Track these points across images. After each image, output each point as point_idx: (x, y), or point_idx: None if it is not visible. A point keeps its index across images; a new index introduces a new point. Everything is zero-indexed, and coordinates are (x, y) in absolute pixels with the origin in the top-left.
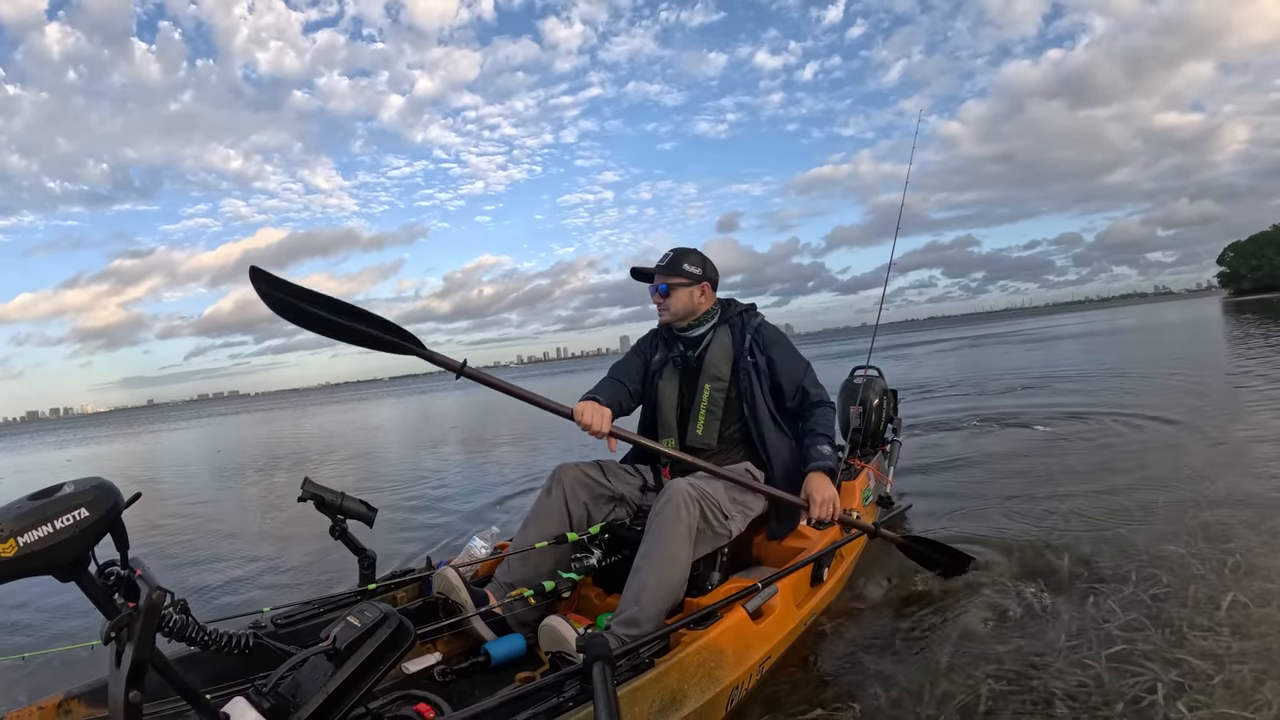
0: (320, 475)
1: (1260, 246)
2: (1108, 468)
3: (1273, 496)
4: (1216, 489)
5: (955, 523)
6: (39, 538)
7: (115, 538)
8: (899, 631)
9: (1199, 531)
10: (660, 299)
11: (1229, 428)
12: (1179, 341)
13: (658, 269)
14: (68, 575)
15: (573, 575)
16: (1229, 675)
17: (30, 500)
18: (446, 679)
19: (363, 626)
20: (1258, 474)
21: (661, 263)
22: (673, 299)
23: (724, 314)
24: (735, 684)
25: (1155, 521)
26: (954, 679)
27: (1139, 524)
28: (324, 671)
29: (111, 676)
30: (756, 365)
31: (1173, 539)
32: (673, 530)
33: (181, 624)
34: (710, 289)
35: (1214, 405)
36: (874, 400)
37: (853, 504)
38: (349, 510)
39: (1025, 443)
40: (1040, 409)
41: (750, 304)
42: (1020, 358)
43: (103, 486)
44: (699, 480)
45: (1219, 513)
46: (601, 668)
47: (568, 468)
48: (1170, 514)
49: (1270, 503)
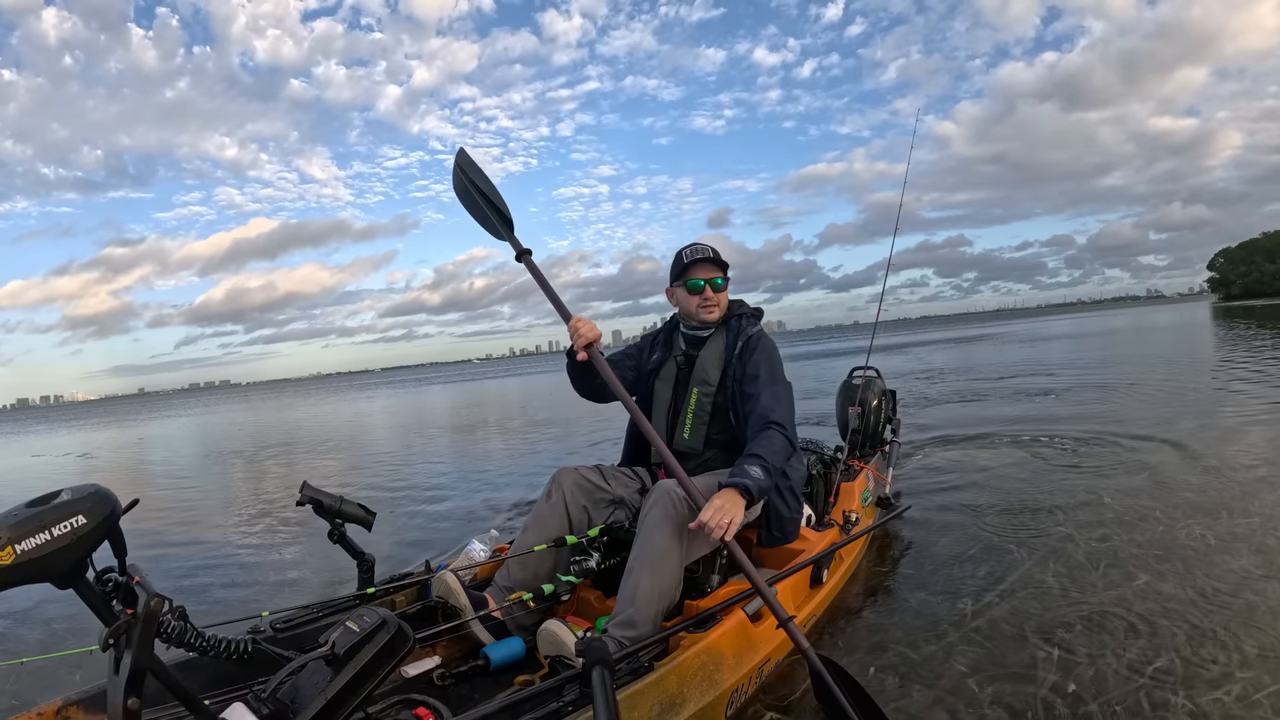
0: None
1: (1250, 253)
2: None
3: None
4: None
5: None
6: (36, 545)
7: (113, 544)
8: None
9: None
10: (714, 295)
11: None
12: (1170, 342)
13: (708, 260)
14: (66, 582)
15: (571, 578)
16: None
17: (28, 507)
18: (446, 683)
19: (362, 631)
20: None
21: (710, 255)
22: (723, 294)
23: (727, 315)
24: (735, 687)
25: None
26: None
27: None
28: (323, 676)
29: (110, 683)
30: (735, 374)
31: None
32: (663, 530)
33: (179, 630)
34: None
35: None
36: (873, 401)
37: (852, 505)
38: (347, 514)
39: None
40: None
41: (757, 309)
42: (1031, 359)
43: (100, 493)
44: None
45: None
46: (601, 672)
47: (567, 471)
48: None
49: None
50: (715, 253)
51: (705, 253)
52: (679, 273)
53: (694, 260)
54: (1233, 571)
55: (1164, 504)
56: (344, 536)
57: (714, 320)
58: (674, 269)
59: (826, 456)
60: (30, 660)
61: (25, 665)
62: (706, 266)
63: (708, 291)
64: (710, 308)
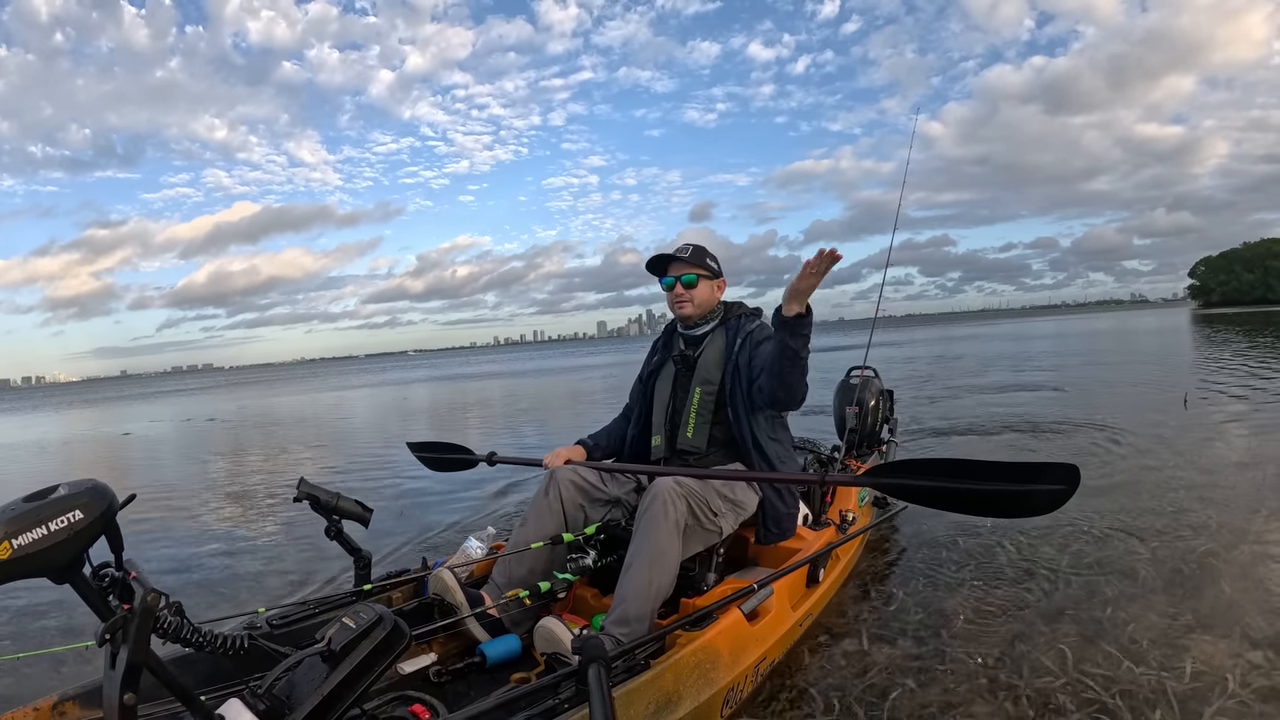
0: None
1: (1230, 262)
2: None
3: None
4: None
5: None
6: (33, 540)
7: (110, 539)
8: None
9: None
10: (684, 291)
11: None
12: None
13: (680, 259)
14: (62, 577)
15: (568, 576)
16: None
17: (25, 502)
18: (442, 680)
19: (358, 628)
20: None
21: (683, 254)
22: (697, 291)
23: (725, 316)
24: (731, 686)
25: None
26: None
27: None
28: (319, 673)
29: (106, 678)
30: (739, 368)
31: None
32: (660, 527)
33: (176, 626)
34: (723, 285)
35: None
36: (870, 401)
37: (849, 505)
38: (344, 511)
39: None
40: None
41: (755, 310)
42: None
43: (97, 489)
44: (686, 478)
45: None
46: (597, 670)
47: (565, 470)
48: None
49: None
50: (694, 250)
51: (683, 251)
52: (653, 271)
53: (662, 258)
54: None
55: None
56: (340, 533)
57: (688, 316)
58: (650, 267)
59: (823, 456)
60: (25, 655)
61: (20, 659)
62: (677, 264)
63: (678, 288)
64: (682, 304)
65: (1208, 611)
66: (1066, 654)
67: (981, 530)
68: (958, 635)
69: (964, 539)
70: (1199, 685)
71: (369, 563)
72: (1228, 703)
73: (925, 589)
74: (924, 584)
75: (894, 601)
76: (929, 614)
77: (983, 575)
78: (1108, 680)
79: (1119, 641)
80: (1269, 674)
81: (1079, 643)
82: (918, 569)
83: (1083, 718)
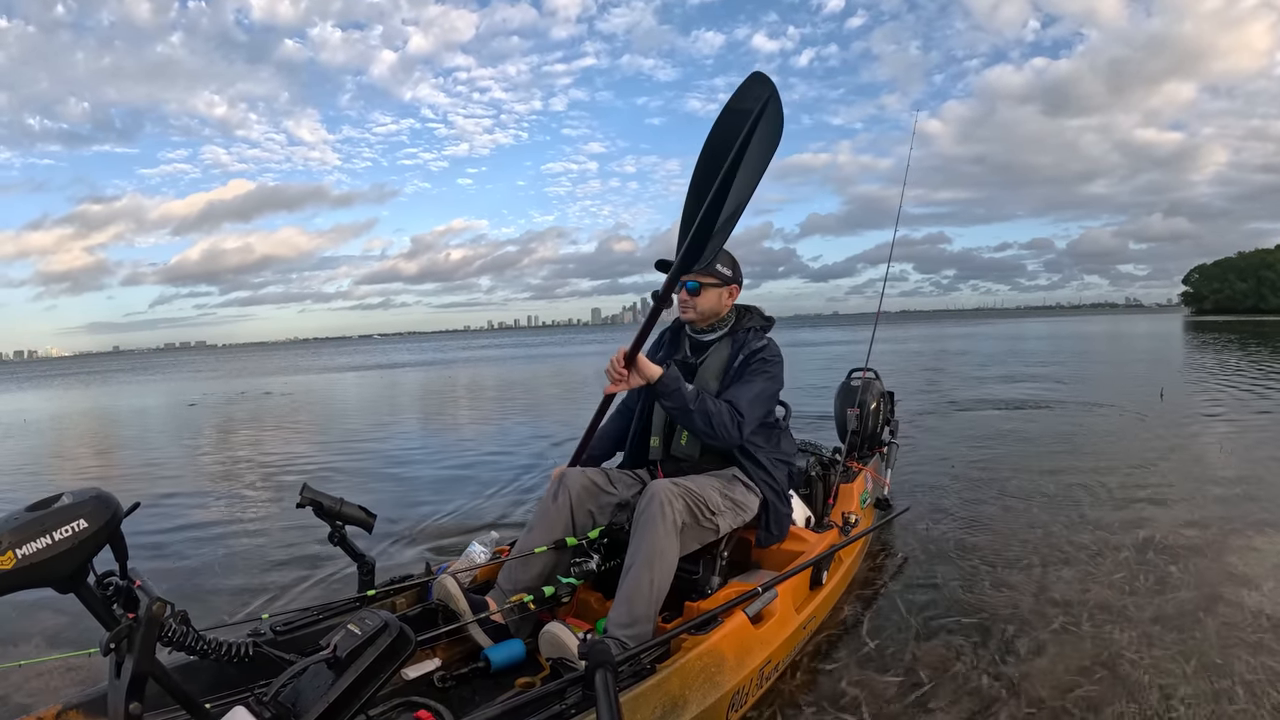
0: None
1: (1223, 270)
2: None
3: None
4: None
5: None
6: (38, 549)
7: (114, 548)
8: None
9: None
10: (688, 297)
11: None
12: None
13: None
14: (67, 587)
15: (572, 580)
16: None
17: (28, 511)
18: (446, 685)
19: (363, 634)
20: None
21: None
22: (702, 298)
23: (735, 325)
24: (737, 689)
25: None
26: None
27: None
28: (325, 680)
29: (111, 687)
30: (730, 383)
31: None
32: (658, 528)
33: (181, 634)
34: (737, 291)
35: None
36: (871, 403)
37: (850, 506)
38: (347, 516)
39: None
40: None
41: (768, 319)
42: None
43: (101, 497)
44: (683, 478)
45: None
46: (604, 674)
47: (573, 474)
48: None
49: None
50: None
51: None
52: (662, 272)
53: (670, 261)
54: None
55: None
56: (344, 539)
57: (692, 321)
58: (658, 268)
59: (825, 458)
60: (28, 663)
61: (23, 668)
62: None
63: (682, 294)
64: (685, 309)
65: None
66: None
67: (985, 528)
68: (965, 630)
69: (968, 536)
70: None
71: (373, 568)
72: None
73: (927, 589)
74: (925, 584)
75: (897, 602)
76: (932, 614)
77: (988, 573)
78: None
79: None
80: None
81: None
82: (919, 570)
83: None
